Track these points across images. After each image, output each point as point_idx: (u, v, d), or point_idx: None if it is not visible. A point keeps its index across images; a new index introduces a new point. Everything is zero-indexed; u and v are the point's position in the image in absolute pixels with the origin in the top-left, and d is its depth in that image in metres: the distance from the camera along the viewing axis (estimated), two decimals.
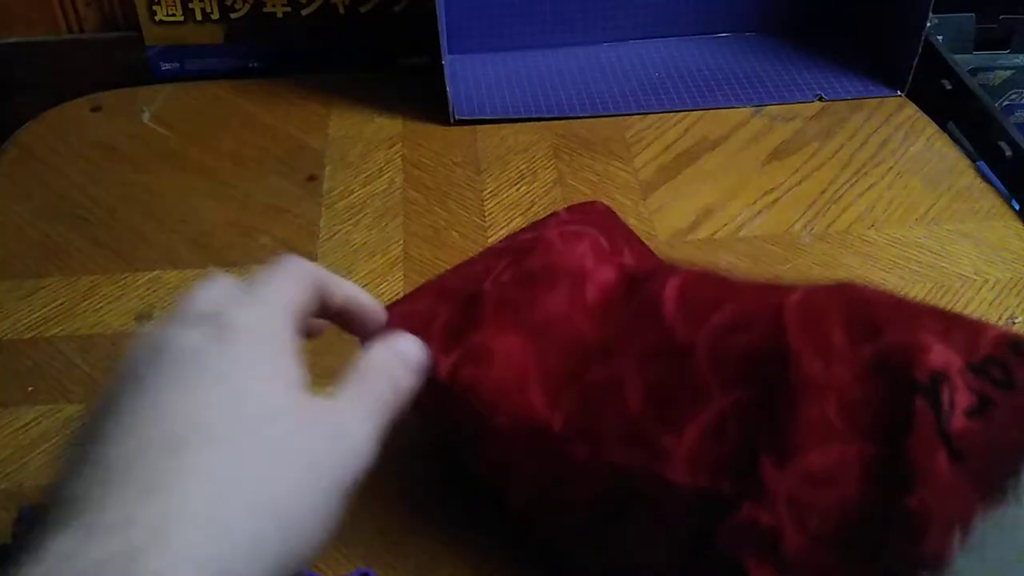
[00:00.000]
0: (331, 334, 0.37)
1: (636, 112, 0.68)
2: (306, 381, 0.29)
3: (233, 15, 0.72)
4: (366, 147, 0.66)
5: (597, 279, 0.40)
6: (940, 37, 0.72)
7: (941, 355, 0.32)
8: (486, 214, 0.60)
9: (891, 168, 0.63)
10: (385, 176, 0.63)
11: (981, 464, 0.30)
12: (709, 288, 0.38)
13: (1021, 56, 0.79)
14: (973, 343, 0.33)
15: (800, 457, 0.32)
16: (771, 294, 0.36)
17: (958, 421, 0.31)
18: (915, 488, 0.30)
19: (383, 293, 0.54)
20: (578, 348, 0.37)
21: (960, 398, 0.31)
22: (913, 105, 0.69)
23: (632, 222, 0.59)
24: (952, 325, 0.34)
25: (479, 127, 0.67)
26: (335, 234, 0.59)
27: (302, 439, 0.28)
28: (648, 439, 0.34)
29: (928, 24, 0.66)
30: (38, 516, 0.40)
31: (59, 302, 0.54)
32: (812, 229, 0.58)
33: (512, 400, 0.37)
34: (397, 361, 0.34)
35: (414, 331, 0.37)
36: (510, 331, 0.38)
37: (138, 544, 0.23)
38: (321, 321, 0.36)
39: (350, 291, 0.35)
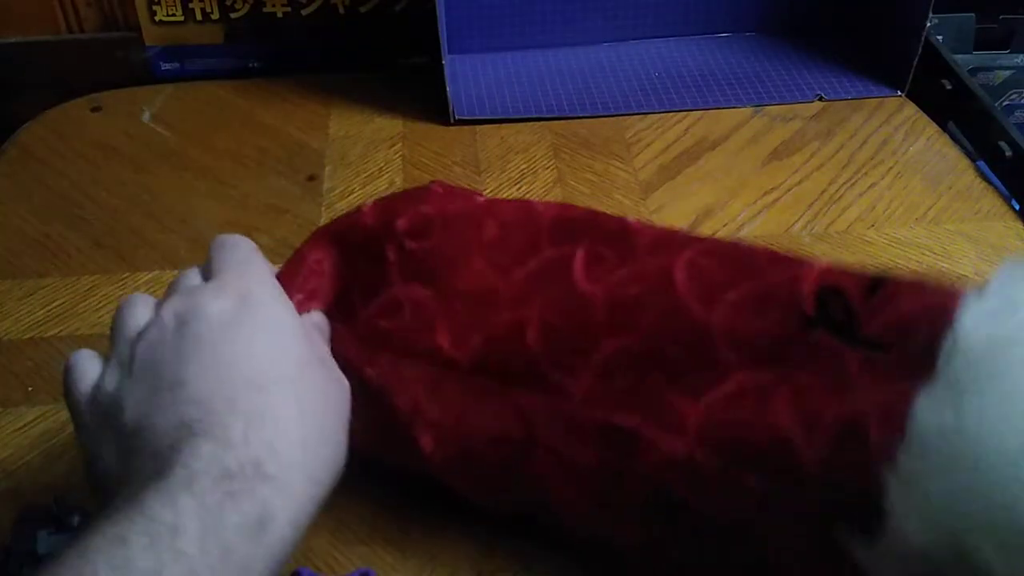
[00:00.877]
0: None
1: (636, 112, 0.68)
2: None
3: (233, 15, 0.72)
4: (366, 147, 0.66)
5: (494, 221, 0.41)
6: (940, 37, 0.72)
7: (818, 265, 0.34)
8: None
9: (891, 168, 0.63)
10: (385, 176, 0.63)
11: (899, 350, 0.31)
12: (623, 249, 0.39)
13: (1021, 56, 0.79)
14: (848, 268, 0.34)
15: (703, 392, 0.34)
16: (668, 252, 0.38)
17: (861, 318, 0.32)
18: (837, 403, 0.32)
19: None
20: (484, 295, 0.39)
21: (851, 291, 0.33)
22: (913, 105, 0.69)
23: None
24: (823, 262, 0.35)
25: (479, 127, 0.67)
26: None
27: (324, 377, 0.36)
28: (546, 378, 0.36)
29: (928, 24, 0.66)
30: (38, 517, 0.40)
31: (59, 302, 0.54)
32: (812, 229, 0.58)
33: (421, 341, 0.39)
34: (319, 331, 0.40)
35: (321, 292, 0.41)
36: (415, 284, 0.40)
37: (260, 455, 0.31)
38: None
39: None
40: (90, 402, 0.35)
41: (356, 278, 0.41)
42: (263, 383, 0.33)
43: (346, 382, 0.38)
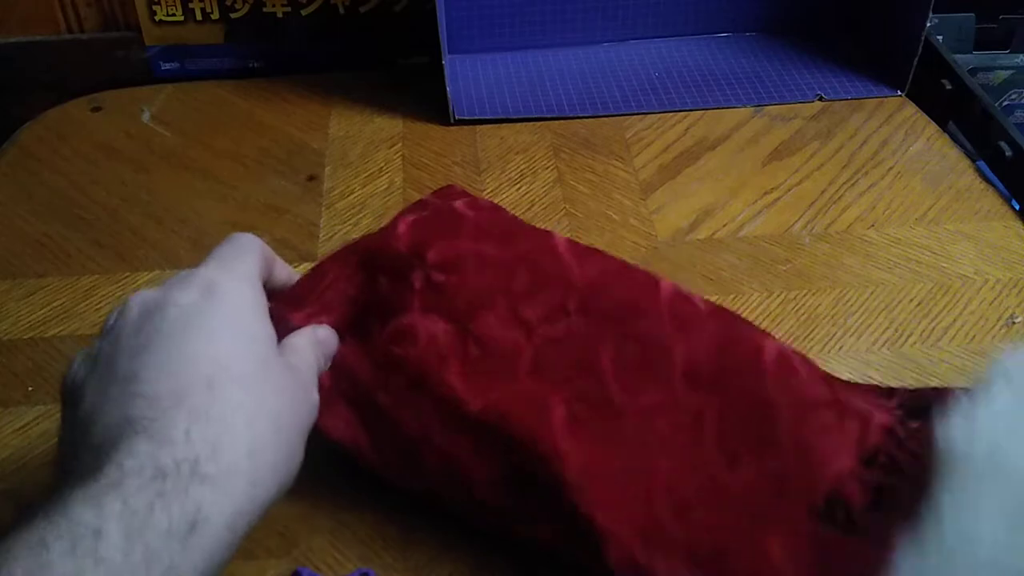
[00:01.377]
0: None
1: (636, 112, 0.68)
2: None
3: (233, 15, 0.72)
4: (366, 147, 0.66)
5: (527, 271, 0.41)
6: (940, 37, 0.72)
7: (834, 464, 0.36)
8: None
9: (891, 168, 0.63)
10: (385, 176, 0.63)
11: (890, 532, 0.33)
12: (656, 357, 0.39)
13: (1021, 56, 0.79)
14: (863, 435, 0.36)
15: (692, 514, 0.36)
16: (701, 389, 0.38)
17: (859, 521, 0.35)
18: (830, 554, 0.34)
19: None
20: (504, 347, 0.40)
21: (856, 503, 0.35)
22: (913, 105, 0.69)
23: (632, 222, 0.59)
24: (844, 415, 0.37)
25: (479, 127, 0.67)
26: (335, 234, 0.59)
27: (289, 384, 0.35)
28: (556, 450, 0.37)
29: (928, 24, 0.66)
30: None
31: (59, 302, 0.54)
32: (812, 229, 0.58)
33: (431, 374, 0.39)
34: (317, 346, 0.39)
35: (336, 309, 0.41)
36: (435, 316, 0.40)
37: (200, 454, 0.30)
38: None
39: (287, 274, 0.41)
40: (64, 395, 0.34)
41: (376, 299, 0.41)
42: (215, 379, 0.32)
43: (314, 396, 0.37)
